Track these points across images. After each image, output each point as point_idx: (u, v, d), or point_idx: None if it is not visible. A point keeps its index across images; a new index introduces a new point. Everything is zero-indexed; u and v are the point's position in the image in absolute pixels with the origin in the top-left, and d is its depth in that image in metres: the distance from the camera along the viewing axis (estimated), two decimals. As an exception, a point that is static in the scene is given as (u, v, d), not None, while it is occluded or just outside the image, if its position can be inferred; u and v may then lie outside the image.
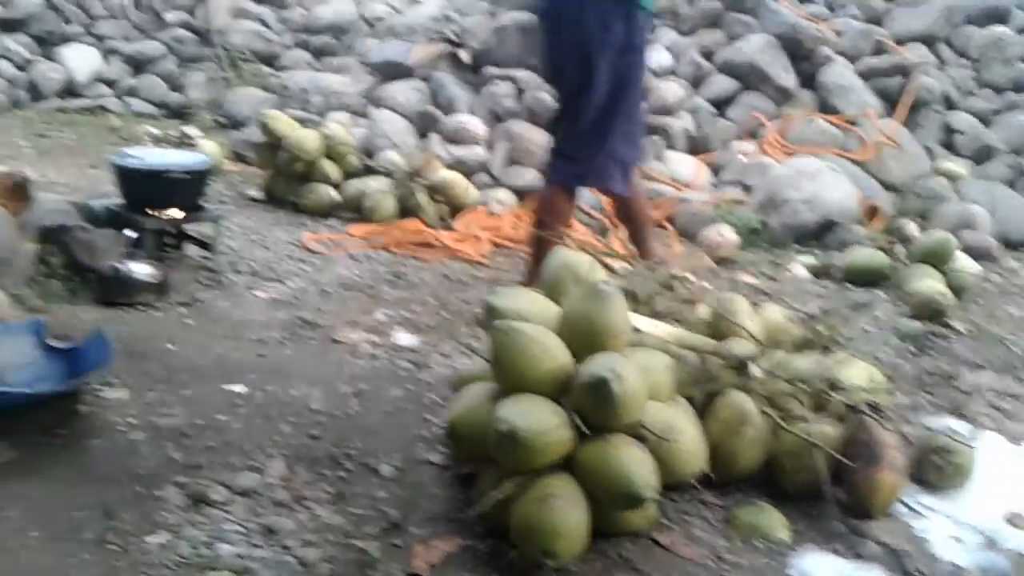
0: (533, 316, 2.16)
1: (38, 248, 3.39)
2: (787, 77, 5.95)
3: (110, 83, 7.81)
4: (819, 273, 4.38)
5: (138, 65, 7.93)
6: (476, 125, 5.47)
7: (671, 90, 5.74)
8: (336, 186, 4.93)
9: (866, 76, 6.12)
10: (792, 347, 2.42)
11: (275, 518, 2.04)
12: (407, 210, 4.71)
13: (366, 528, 2.03)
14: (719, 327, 2.47)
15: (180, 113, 7.50)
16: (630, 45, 3.26)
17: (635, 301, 2.55)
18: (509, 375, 2.04)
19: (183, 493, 2.11)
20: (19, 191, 3.60)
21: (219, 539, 1.95)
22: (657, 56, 5.91)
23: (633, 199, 3.56)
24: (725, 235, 4.47)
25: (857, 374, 2.37)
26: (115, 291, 3.23)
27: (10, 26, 7.93)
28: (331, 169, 4.93)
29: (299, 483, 2.20)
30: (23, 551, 1.86)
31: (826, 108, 5.95)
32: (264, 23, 8.40)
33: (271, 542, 1.96)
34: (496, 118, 5.58)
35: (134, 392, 2.57)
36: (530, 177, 5.17)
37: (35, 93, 7.61)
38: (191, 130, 6.55)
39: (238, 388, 2.65)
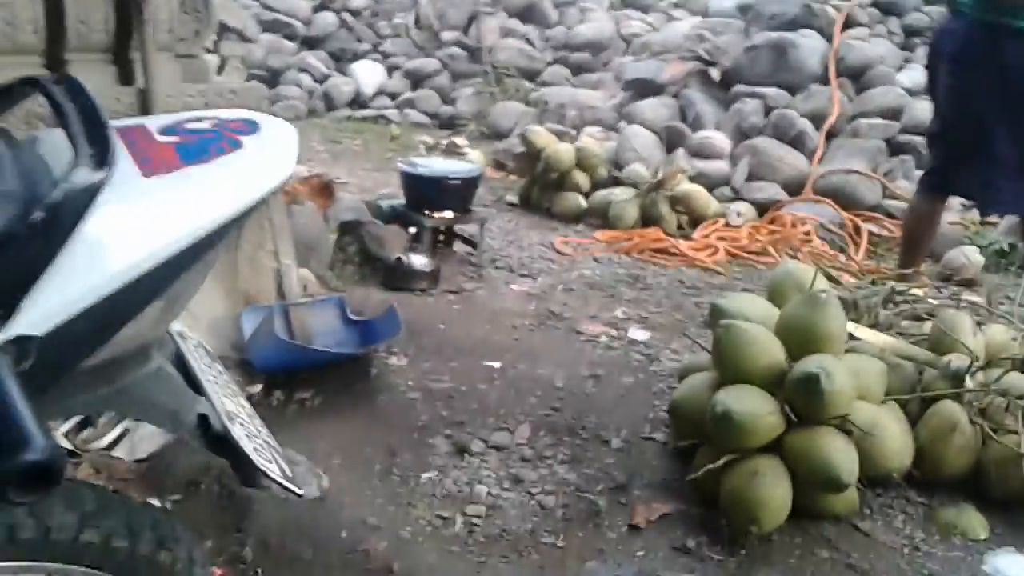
0: (754, 317, 2.43)
1: (338, 238, 4.06)
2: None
3: (392, 95, 8.74)
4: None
5: (416, 80, 8.81)
6: (721, 140, 5.68)
7: (924, 108, 5.63)
8: (586, 195, 5.35)
9: None
10: (1013, 365, 2.49)
11: (521, 470, 2.45)
12: (649, 219, 5.03)
13: (596, 486, 2.39)
14: (941, 342, 2.59)
15: (450, 124, 8.26)
16: None
17: (857, 311, 2.73)
18: (728, 367, 2.32)
19: (449, 443, 2.58)
20: (325, 190, 4.31)
21: (476, 481, 2.39)
22: (912, 75, 5.83)
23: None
24: (970, 257, 4.41)
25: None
26: (398, 278, 3.81)
27: (311, 43, 9.13)
28: (582, 179, 5.36)
29: (542, 445, 2.60)
30: (329, 473, 2.39)
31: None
32: (528, 41, 9.03)
33: (517, 488, 2.37)
34: (742, 134, 5.76)
35: (412, 361, 3.10)
36: (771, 191, 5.32)
37: (329, 103, 8.68)
38: (459, 140, 7.25)
39: (495, 364, 3.11)
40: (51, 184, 0.97)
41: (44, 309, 0.93)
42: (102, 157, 0.99)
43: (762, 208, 5.24)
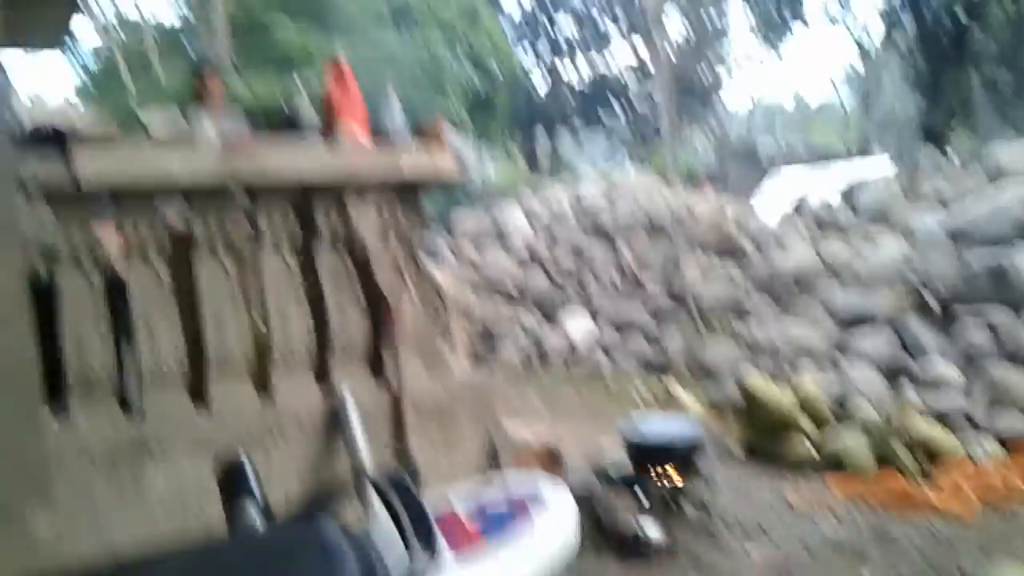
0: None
1: (570, 509, 4.19)
2: None
3: (600, 344, 9.10)
4: None
5: (623, 327, 9.17)
6: (949, 369, 5.47)
7: None
8: (811, 438, 5.24)
9: None
10: None
11: None
12: (884, 460, 4.84)
13: None
14: None
15: (660, 367, 8.43)
16: None
17: None
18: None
19: None
20: (553, 459, 4.52)
21: None
22: None
23: None
24: None
25: None
26: (633, 550, 3.86)
27: (523, 302, 9.79)
28: (805, 423, 5.28)
29: None
30: None
31: None
32: (729, 277, 9.24)
33: None
34: (969, 360, 5.53)
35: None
36: (1016, 422, 5.00)
37: (542, 357, 9.15)
38: (672, 384, 7.37)
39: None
40: (389, 572, 1.22)
41: None
42: (428, 546, 1.24)
43: (1008, 442, 4.91)
